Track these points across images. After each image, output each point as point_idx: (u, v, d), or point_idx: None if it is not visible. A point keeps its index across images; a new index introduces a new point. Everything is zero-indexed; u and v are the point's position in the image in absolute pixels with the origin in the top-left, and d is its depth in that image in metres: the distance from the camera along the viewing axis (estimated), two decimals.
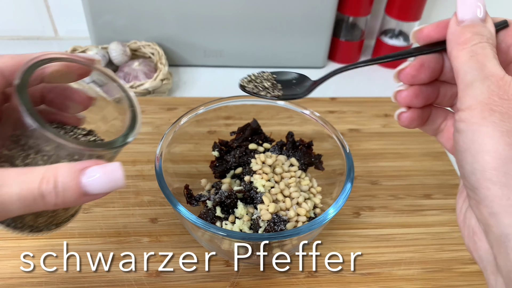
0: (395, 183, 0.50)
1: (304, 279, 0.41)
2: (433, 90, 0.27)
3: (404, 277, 0.41)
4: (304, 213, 0.39)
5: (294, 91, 0.34)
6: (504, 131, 0.19)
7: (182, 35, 0.67)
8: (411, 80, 0.26)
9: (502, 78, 0.20)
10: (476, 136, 0.20)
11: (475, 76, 0.21)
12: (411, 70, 0.26)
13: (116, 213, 0.45)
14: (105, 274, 0.40)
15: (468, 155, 0.20)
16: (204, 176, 0.45)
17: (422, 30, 0.25)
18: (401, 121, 0.27)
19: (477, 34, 0.22)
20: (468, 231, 0.23)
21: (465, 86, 0.21)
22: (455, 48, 0.22)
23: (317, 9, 0.64)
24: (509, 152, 0.19)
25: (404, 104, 0.27)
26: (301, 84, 0.35)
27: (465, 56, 0.22)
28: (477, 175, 0.20)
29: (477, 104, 0.20)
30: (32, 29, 0.73)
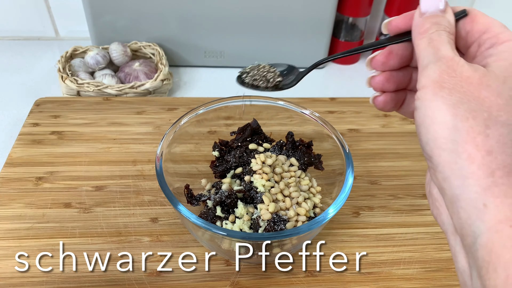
0: (394, 183, 0.51)
1: (304, 279, 0.41)
2: (404, 75, 0.29)
3: (403, 277, 0.41)
4: (304, 213, 0.39)
5: (288, 80, 0.36)
6: (451, 103, 0.21)
7: (182, 36, 0.67)
8: (382, 66, 0.29)
9: (452, 58, 0.23)
10: (428, 110, 0.22)
11: (430, 59, 0.23)
12: (380, 57, 0.28)
13: (116, 213, 0.45)
14: (106, 274, 0.40)
15: (423, 128, 0.23)
16: (205, 176, 0.46)
17: (391, 21, 0.28)
18: (376, 104, 0.30)
19: (435, 23, 0.25)
20: (432, 199, 0.25)
21: (422, 69, 0.24)
22: (417, 38, 0.25)
23: (317, 10, 0.65)
24: (455, 122, 0.21)
25: (378, 88, 0.29)
26: (291, 74, 0.37)
27: (424, 43, 0.24)
28: (430, 145, 0.22)
29: (429, 83, 0.23)
30: (33, 29, 0.73)
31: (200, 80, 0.69)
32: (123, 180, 0.49)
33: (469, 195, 0.20)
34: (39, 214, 0.45)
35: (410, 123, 0.58)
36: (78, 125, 0.55)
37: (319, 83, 0.70)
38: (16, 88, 0.64)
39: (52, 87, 0.65)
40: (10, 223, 0.44)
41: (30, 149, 0.51)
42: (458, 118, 0.21)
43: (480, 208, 0.20)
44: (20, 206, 0.45)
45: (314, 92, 0.67)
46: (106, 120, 0.56)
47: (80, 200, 0.46)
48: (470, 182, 0.20)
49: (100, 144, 0.53)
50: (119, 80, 0.63)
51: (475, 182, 0.20)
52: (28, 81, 0.66)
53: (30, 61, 0.70)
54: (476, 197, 0.20)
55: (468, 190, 0.20)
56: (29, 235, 0.43)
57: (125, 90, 0.59)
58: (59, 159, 0.50)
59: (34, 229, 0.43)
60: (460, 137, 0.21)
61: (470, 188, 0.20)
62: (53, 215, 0.45)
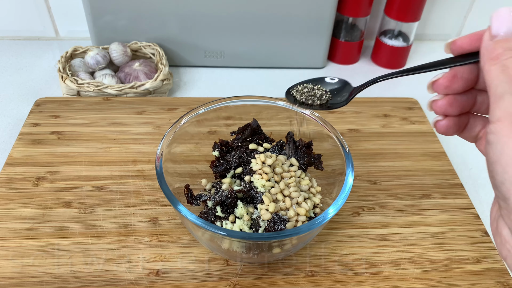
0: (394, 183, 0.51)
1: (304, 279, 0.41)
2: (468, 99, 0.28)
3: (403, 277, 0.42)
4: (304, 213, 0.39)
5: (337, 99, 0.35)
6: None
7: (182, 36, 0.67)
8: (444, 90, 0.27)
9: None
10: (506, 148, 0.20)
11: (505, 89, 0.21)
12: (444, 81, 0.27)
13: (117, 213, 0.45)
14: (106, 274, 0.40)
15: (498, 167, 0.21)
16: (205, 176, 0.46)
17: (456, 41, 0.26)
18: (437, 129, 0.29)
19: (509, 49, 0.23)
20: (501, 240, 0.24)
21: (495, 99, 0.22)
22: (487, 63, 0.23)
23: (316, 10, 0.65)
24: None
25: (440, 112, 0.28)
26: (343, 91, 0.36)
27: (497, 71, 0.22)
28: (507, 186, 0.21)
29: (506, 116, 0.21)
30: (33, 29, 0.73)
31: (200, 80, 0.69)
32: (123, 180, 0.49)
33: None
34: (39, 214, 0.45)
35: (410, 123, 0.59)
36: (78, 125, 0.55)
37: None
38: (16, 88, 0.64)
39: (52, 87, 0.65)
40: (10, 223, 0.44)
41: (30, 149, 0.51)
42: None
43: None
44: (20, 206, 0.45)
45: None
46: (106, 120, 0.56)
47: (80, 200, 0.46)
48: None
49: (100, 144, 0.53)
50: (119, 80, 0.63)
51: None
52: (28, 81, 0.66)
53: (30, 61, 0.70)
54: None
55: None
56: (29, 235, 0.43)
57: (125, 90, 0.59)
58: (59, 159, 0.50)
59: (34, 229, 0.43)
60: None
61: None
62: (53, 215, 0.45)
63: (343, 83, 0.36)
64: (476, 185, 0.54)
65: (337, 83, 0.37)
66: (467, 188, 0.52)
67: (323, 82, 0.37)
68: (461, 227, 0.46)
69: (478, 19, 0.78)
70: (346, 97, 0.35)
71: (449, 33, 0.81)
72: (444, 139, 0.59)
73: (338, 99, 0.35)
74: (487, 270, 0.42)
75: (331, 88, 0.37)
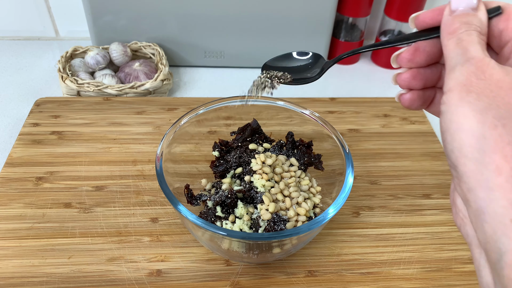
0: (394, 183, 0.51)
1: (304, 279, 0.41)
2: (432, 72, 0.28)
3: (403, 277, 0.42)
4: (304, 213, 0.39)
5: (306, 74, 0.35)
6: (478, 110, 0.20)
7: (182, 36, 0.67)
8: (408, 63, 0.27)
9: (482, 59, 0.21)
10: (454, 116, 0.21)
11: (458, 60, 0.22)
12: (406, 54, 0.27)
13: (117, 213, 0.45)
14: (106, 274, 0.40)
15: (448, 135, 0.21)
16: (205, 176, 0.46)
17: (419, 16, 0.26)
18: (402, 102, 0.29)
19: (465, 23, 0.23)
20: (456, 209, 0.24)
21: (449, 71, 0.22)
22: (445, 37, 0.24)
23: (316, 10, 0.65)
24: (482, 130, 0.20)
25: (404, 86, 0.28)
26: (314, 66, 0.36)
27: (452, 44, 0.23)
28: (455, 153, 0.21)
29: (456, 86, 0.21)
30: (33, 29, 0.73)
31: (200, 80, 0.69)
32: (123, 180, 0.49)
33: (495, 209, 0.19)
34: (39, 214, 0.45)
35: (410, 123, 0.59)
36: (78, 125, 0.55)
37: (319, 83, 0.70)
38: (16, 88, 0.64)
39: (52, 87, 0.65)
40: (10, 223, 0.44)
41: (30, 149, 0.51)
42: (486, 125, 0.20)
43: (506, 224, 0.19)
44: (20, 206, 0.45)
45: (314, 92, 0.68)
46: (106, 120, 0.56)
47: (80, 200, 0.46)
48: (497, 195, 0.19)
49: (100, 144, 0.53)
50: (119, 80, 0.63)
51: (502, 195, 0.19)
52: (28, 81, 0.66)
53: (30, 61, 0.70)
54: (503, 211, 0.19)
55: (494, 203, 0.19)
56: (29, 235, 0.43)
57: (125, 90, 0.59)
58: (59, 159, 0.50)
59: (34, 229, 0.43)
60: (488, 147, 0.19)
61: (496, 201, 0.19)
62: (53, 215, 0.45)
63: (315, 57, 0.36)
64: None
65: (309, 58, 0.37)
66: None
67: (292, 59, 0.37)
68: None
69: None
70: (317, 72, 0.35)
71: None
72: None
73: (309, 75, 0.35)
74: None
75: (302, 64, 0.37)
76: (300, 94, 0.66)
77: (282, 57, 0.37)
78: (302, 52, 0.36)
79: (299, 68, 0.36)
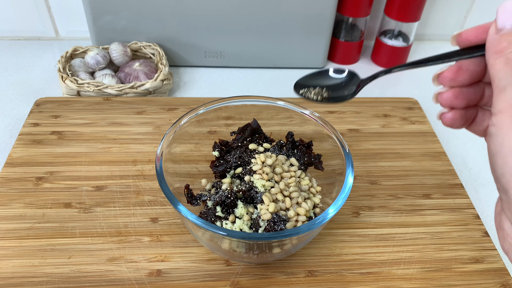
0: (394, 183, 0.51)
1: (303, 279, 0.41)
2: (475, 92, 0.27)
3: (403, 277, 0.42)
4: (304, 213, 0.39)
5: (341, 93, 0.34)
6: None
7: (182, 36, 0.67)
8: (450, 83, 0.27)
9: None
10: (506, 139, 0.20)
11: (508, 81, 0.21)
12: (449, 73, 0.27)
13: (117, 213, 0.45)
14: (106, 274, 0.40)
15: (499, 158, 0.21)
16: (205, 176, 0.46)
17: (461, 34, 0.26)
18: (443, 121, 0.28)
19: None
20: (503, 233, 0.23)
21: (498, 91, 0.22)
22: (492, 57, 0.23)
23: (316, 10, 0.65)
24: None
25: (445, 105, 0.27)
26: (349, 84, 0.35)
27: (501, 64, 0.22)
28: (507, 177, 0.20)
29: (508, 108, 0.21)
30: (33, 29, 0.73)
31: (200, 80, 0.69)
32: (123, 180, 0.49)
33: None
34: (39, 214, 0.45)
35: (410, 123, 0.59)
36: (78, 125, 0.55)
37: None
38: (16, 88, 0.64)
39: (52, 87, 0.65)
40: (10, 223, 0.44)
41: (30, 149, 0.51)
42: None
43: None
44: (20, 206, 0.45)
45: None
46: (106, 120, 0.56)
47: (80, 200, 0.46)
48: None
49: (100, 144, 0.53)
50: (119, 80, 0.63)
51: None
52: (28, 81, 0.66)
53: (30, 61, 0.70)
54: None
55: None
56: (29, 235, 0.43)
57: (125, 90, 0.59)
58: (59, 159, 0.50)
59: (34, 229, 0.43)
60: None
61: None
62: (53, 215, 0.45)
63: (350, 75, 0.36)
64: (476, 185, 0.54)
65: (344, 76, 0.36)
66: (467, 188, 0.52)
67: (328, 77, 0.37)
68: (461, 227, 0.46)
69: (478, 19, 0.78)
70: (353, 90, 0.35)
71: (449, 33, 0.81)
72: (444, 139, 0.59)
73: (345, 93, 0.35)
74: (487, 270, 0.42)
75: (337, 82, 0.36)
76: None
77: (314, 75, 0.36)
78: (336, 70, 0.36)
79: (333, 87, 0.35)
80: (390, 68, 0.30)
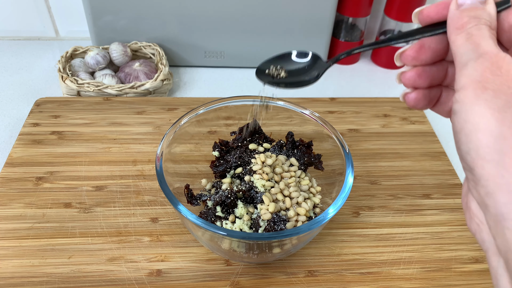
0: (394, 183, 0.51)
1: (303, 278, 0.41)
2: (438, 70, 0.27)
3: (403, 277, 0.42)
4: (304, 213, 0.39)
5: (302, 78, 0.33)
6: (496, 108, 0.19)
7: (182, 36, 0.67)
8: (412, 61, 0.26)
9: (496, 54, 0.20)
10: (469, 115, 0.20)
11: (470, 56, 0.21)
12: (410, 52, 0.26)
13: (117, 213, 0.45)
14: (106, 274, 0.40)
15: (463, 135, 0.20)
16: (205, 176, 0.46)
17: (423, 11, 0.25)
18: (407, 102, 0.27)
19: (474, 17, 0.22)
20: (470, 214, 0.23)
21: (460, 67, 0.21)
22: (453, 33, 0.22)
23: (316, 10, 0.65)
24: (501, 129, 0.19)
25: (409, 85, 0.27)
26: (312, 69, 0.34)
27: (462, 39, 0.22)
28: (472, 155, 0.20)
29: (470, 83, 0.20)
30: (33, 29, 0.73)
31: (200, 80, 0.69)
32: (123, 180, 0.49)
33: None
34: (39, 214, 0.45)
35: (410, 123, 0.59)
36: (78, 125, 0.55)
37: (318, 83, 0.70)
38: (16, 88, 0.64)
39: (52, 87, 0.65)
40: (10, 223, 0.44)
41: (30, 149, 0.51)
42: (505, 124, 0.18)
43: None
44: (20, 206, 0.45)
45: (314, 92, 0.68)
46: (106, 120, 0.56)
47: (80, 200, 0.46)
48: None
49: (100, 144, 0.53)
50: (119, 80, 0.63)
51: None
52: (28, 81, 0.66)
53: (30, 61, 0.70)
54: None
55: None
56: (29, 235, 0.43)
57: (125, 90, 0.59)
58: (59, 159, 0.50)
59: (34, 229, 0.43)
60: (508, 147, 0.18)
61: None
62: (53, 215, 0.45)
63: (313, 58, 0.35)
64: None
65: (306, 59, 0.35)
66: None
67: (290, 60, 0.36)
68: (461, 227, 0.46)
69: None
70: (315, 75, 0.33)
71: None
72: (444, 139, 0.59)
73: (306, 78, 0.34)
74: (486, 270, 0.42)
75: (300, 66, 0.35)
76: (300, 94, 0.66)
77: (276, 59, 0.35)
78: (299, 53, 0.34)
79: (295, 72, 0.34)
80: (351, 49, 0.29)
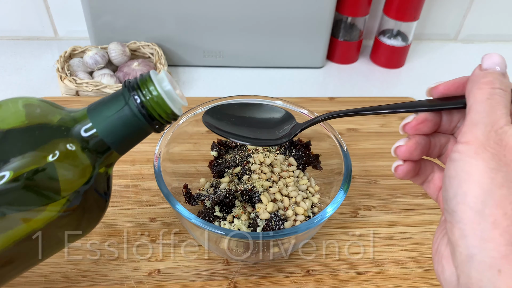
0: (393, 182, 0.51)
1: (302, 278, 0.41)
2: (426, 143, 0.28)
3: (401, 276, 0.42)
4: (302, 212, 0.39)
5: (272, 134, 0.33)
6: (491, 168, 0.22)
7: (181, 36, 0.67)
8: (414, 132, 0.28)
9: (502, 127, 0.23)
10: (467, 166, 0.22)
11: (483, 117, 0.23)
12: (415, 123, 0.28)
13: (115, 212, 0.45)
14: (104, 273, 0.40)
15: (455, 181, 0.23)
16: (203, 176, 0.46)
17: (438, 87, 0.27)
18: (397, 174, 0.29)
19: (498, 79, 0.24)
20: (438, 257, 0.25)
21: (471, 124, 0.23)
22: (475, 86, 0.24)
23: (315, 10, 0.65)
24: (490, 186, 0.21)
25: (403, 157, 0.28)
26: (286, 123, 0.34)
27: (483, 96, 0.23)
28: (458, 199, 0.22)
29: (474, 141, 0.22)
30: (32, 29, 0.73)
31: (199, 80, 0.69)
32: (121, 180, 0.49)
33: (485, 258, 0.21)
34: None
35: None
36: None
37: (317, 83, 0.70)
38: (15, 88, 0.64)
39: (51, 87, 0.65)
40: None
41: None
42: (494, 182, 0.21)
43: (494, 273, 0.20)
44: None
45: (313, 91, 0.68)
46: None
47: None
48: (489, 246, 0.21)
49: None
50: (118, 80, 0.63)
51: (494, 246, 0.21)
52: (27, 81, 0.66)
53: (29, 61, 0.70)
54: (492, 261, 0.20)
55: (485, 253, 0.21)
56: None
57: None
58: None
59: None
60: (491, 201, 0.21)
61: (487, 251, 0.21)
62: None
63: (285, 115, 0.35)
64: None
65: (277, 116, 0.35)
66: None
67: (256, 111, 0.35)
68: None
69: (477, 19, 0.78)
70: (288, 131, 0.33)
71: (448, 33, 0.81)
72: None
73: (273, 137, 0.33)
74: None
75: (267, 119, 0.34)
76: (299, 94, 0.66)
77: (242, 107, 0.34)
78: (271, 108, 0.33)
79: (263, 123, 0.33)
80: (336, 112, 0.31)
